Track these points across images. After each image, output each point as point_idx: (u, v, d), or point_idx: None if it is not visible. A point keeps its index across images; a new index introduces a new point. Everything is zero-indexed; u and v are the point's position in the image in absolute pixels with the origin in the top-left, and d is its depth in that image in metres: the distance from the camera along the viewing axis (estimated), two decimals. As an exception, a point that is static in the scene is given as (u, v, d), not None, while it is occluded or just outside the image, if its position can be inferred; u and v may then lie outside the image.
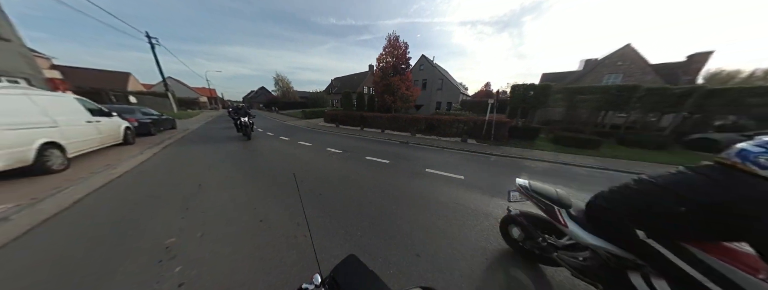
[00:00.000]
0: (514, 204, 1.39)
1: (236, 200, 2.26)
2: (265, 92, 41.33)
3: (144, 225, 1.76)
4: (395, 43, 12.44)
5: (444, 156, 4.60)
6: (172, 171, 3.21)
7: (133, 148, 4.49)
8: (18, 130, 2.44)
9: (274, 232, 1.68)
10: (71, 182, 2.55)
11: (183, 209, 2.02)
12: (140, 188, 2.55)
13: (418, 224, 1.86)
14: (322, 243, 1.57)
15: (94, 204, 2.14)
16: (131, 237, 1.59)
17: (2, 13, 4.92)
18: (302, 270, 1.31)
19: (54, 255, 1.41)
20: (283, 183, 2.77)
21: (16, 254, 1.44)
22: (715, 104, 6.24)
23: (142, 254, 1.42)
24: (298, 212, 1.96)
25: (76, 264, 1.33)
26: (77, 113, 3.40)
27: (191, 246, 1.50)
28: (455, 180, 3.03)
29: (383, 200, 2.31)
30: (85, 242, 1.54)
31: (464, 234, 1.70)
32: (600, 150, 5.35)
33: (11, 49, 5.05)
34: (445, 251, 1.50)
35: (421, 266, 1.36)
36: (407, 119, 8.11)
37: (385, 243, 1.58)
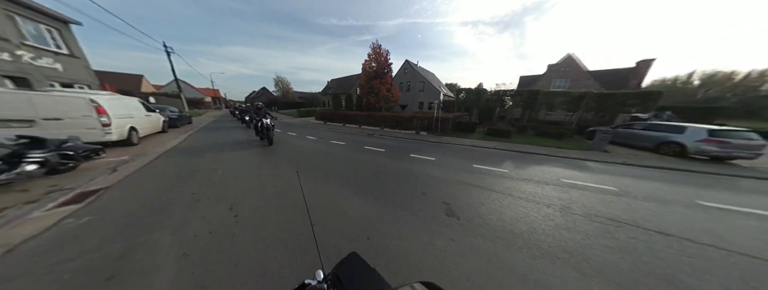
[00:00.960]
0: None
1: (245, 159, 4.08)
2: (266, 93, 43.26)
3: (196, 165, 3.58)
4: (378, 51, 14.25)
5: (390, 141, 6.38)
6: (202, 147, 5.04)
7: (168, 135, 6.36)
8: (121, 119, 4.30)
9: (265, 170, 3.50)
10: (146, 150, 4.39)
11: (215, 161, 3.84)
12: (186, 153, 4.37)
13: (358, 170, 3.65)
14: (314, 184, 3.38)
15: (165, 159, 3.96)
16: (193, 168, 3.42)
17: (73, 37, 6.81)
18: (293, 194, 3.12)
19: (157, 174, 3.24)
20: (272, 150, 4.58)
21: (143, 173, 3.26)
22: (609, 104, 7.95)
23: (201, 172, 3.24)
24: (284, 172, 3.76)
25: (169, 179, 3.15)
26: (140, 110, 5.25)
27: (223, 171, 3.32)
28: (379, 152, 4.82)
29: (336, 159, 4.11)
30: (170, 170, 3.37)
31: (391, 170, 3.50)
32: (510, 139, 7.09)
33: (80, 64, 6.95)
34: (374, 171, 3.29)
35: (368, 183, 3.16)
36: (378, 117, 9.90)
37: (344, 175, 3.38)
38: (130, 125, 4.55)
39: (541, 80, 14.32)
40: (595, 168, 4.06)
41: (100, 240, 1.59)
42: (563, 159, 4.72)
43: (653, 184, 3.25)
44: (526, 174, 3.47)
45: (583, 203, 2.43)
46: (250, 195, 2.42)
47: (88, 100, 3.71)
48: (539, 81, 14.36)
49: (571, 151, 5.55)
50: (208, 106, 30.42)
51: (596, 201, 2.51)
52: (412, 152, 4.80)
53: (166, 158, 3.95)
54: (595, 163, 4.45)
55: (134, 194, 2.40)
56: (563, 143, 6.75)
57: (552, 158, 4.76)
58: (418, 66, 19.82)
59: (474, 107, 9.29)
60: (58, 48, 6.34)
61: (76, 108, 3.62)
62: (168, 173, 3.13)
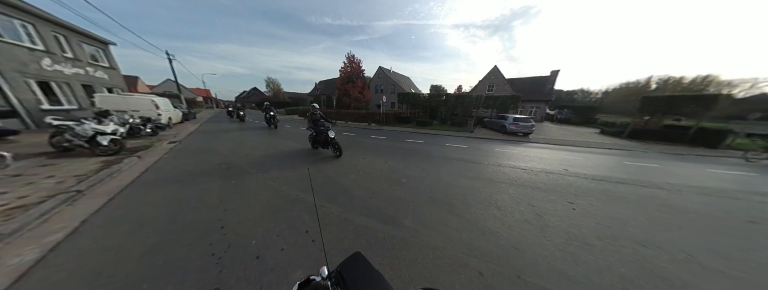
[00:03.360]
0: None
1: (242, 134, 7.01)
2: (257, 93, 45.00)
3: (215, 141, 6.50)
4: (352, 59, 17.37)
5: (351, 130, 9.47)
6: (215, 129, 7.88)
7: (186, 124, 9.12)
8: (165, 111, 7.11)
9: (265, 139, 6.49)
10: (178, 132, 7.21)
11: (225, 138, 6.75)
12: (206, 134, 7.23)
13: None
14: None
15: (192, 137, 6.82)
16: (214, 143, 6.36)
17: (111, 53, 9.35)
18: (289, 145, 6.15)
19: (198, 137, 6.20)
20: (269, 131, 7.53)
21: (191, 137, 6.16)
22: (491, 105, 11.61)
23: (221, 138, 6.19)
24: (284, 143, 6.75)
25: (197, 148, 6.11)
26: (170, 106, 8.02)
27: (237, 142, 6.28)
28: (348, 134, 7.89)
29: (286, 139, 7.16)
30: (198, 143, 6.30)
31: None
32: (430, 127, 10.43)
33: (116, 74, 9.50)
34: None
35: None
36: (344, 113, 13.01)
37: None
38: (168, 116, 7.34)
39: (480, 84, 18.08)
40: (458, 138, 7.45)
41: (192, 148, 4.58)
42: (447, 136, 8.00)
43: (482, 143, 6.59)
44: (428, 141, 6.71)
45: (447, 152, 5.66)
46: (248, 144, 5.43)
47: (151, 100, 6.53)
48: (479, 86, 18.12)
49: (455, 132, 9.03)
50: (201, 105, 32.13)
51: (451, 150, 5.75)
52: (372, 134, 7.91)
53: (196, 133, 6.82)
54: (461, 137, 7.81)
55: (194, 143, 5.35)
56: (459, 128, 10.21)
57: (442, 136, 8.03)
58: (390, 71, 23.17)
59: (426, 106, 12.72)
60: (104, 63, 8.92)
61: (146, 104, 6.43)
62: (204, 136, 6.06)
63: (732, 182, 3.62)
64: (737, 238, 1.93)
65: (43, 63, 6.39)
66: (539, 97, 17.51)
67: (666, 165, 4.69)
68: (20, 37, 5.98)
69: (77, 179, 2.58)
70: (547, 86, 17.69)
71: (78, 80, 7.52)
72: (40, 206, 1.91)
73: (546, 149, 6.08)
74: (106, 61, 9.07)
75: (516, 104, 11.67)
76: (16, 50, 5.75)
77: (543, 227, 1.92)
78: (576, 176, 3.55)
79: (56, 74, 6.78)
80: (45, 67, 6.42)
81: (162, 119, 6.71)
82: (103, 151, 3.61)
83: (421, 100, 12.76)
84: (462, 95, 12.87)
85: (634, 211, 2.33)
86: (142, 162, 3.54)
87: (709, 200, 2.77)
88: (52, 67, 6.65)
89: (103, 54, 8.98)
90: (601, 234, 1.83)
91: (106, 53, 9.08)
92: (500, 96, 11.74)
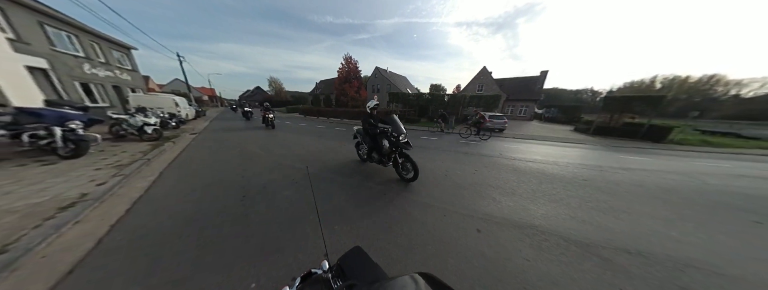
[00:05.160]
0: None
1: (254, 131, 8.23)
2: (260, 92, 46.31)
3: (226, 134, 7.73)
4: (349, 60, 18.50)
5: (345, 125, 10.63)
6: (225, 124, 9.12)
7: (198, 120, 10.39)
8: (184, 109, 8.36)
9: (267, 132, 7.70)
10: (194, 126, 8.46)
11: (234, 132, 7.97)
12: (218, 128, 8.46)
13: (321, 133, 7.90)
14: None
15: (207, 130, 8.06)
16: (226, 135, 7.58)
17: (133, 57, 10.62)
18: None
19: (213, 129, 7.43)
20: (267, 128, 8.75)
21: (207, 130, 7.41)
22: (477, 104, 12.64)
23: (232, 129, 7.41)
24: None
25: (219, 130, 7.35)
26: (185, 103, 9.27)
27: (243, 135, 7.50)
28: (340, 129, 9.06)
29: (308, 130, 8.34)
30: (213, 134, 7.53)
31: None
32: (417, 123, 11.53)
33: (138, 76, 10.79)
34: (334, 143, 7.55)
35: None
36: (339, 112, 14.17)
37: (330, 142, 7.62)
38: (185, 112, 8.58)
39: (471, 84, 19.03)
40: (436, 132, 8.55)
41: (210, 137, 5.84)
42: (426, 131, 9.16)
43: (453, 136, 7.69)
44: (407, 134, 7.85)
45: (416, 142, 6.81)
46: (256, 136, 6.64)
47: (172, 99, 7.77)
48: (469, 86, 19.06)
49: (437, 128, 10.11)
50: (207, 104, 33.59)
51: (422, 141, 6.89)
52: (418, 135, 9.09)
53: (210, 128, 8.06)
54: (439, 132, 8.89)
55: (210, 135, 6.57)
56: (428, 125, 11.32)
57: (422, 131, 9.17)
58: (387, 71, 24.18)
59: (416, 104, 13.83)
60: (128, 66, 10.20)
61: (168, 103, 7.67)
62: (218, 129, 7.29)
63: (617, 162, 4.68)
64: (563, 185, 3.03)
65: (84, 67, 7.66)
66: (529, 96, 18.45)
67: (585, 153, 5.77)
68: (67, 46, 7.23)
69: (142, 153, 3.79)
70: (537, 85, 18.59)
71: (109, 82, 8.79)
72: (131, 166, 3.11)
73: (504, 142, 7.16)
74: (129, 64, 10.33)
75: (497, 103, 12.67)
76: (66, 58, 7.00)
77: (444, 177, 3.09)
78: (501, 157, 4.66)
79: (93, 76, 8.04)
80: (85, 71, 7.69)
81: (182, 115, 7.94)
82: (148, 138, 4.82)
83: (411, 99, 13.86)
84: (447, 94, 13.92)
85: (519, 175, 3.43)
86: (176, 146, 4.75)
87: (575, 170, 3.85)
88: (90, 71, 7.91)
89: (127, 58, 10.24)
90: (477, 181, 2.97)
91: (129, 57, 10.34)
92: (484, 95, 12.76)
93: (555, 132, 10.97)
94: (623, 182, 3.33)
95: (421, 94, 14.18)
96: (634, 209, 2.38)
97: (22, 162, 2.93)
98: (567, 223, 2.00)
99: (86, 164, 3.03)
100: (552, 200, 2.49)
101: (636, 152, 6.19)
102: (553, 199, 2.54)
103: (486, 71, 18.78)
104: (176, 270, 1.30)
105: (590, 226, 1.98)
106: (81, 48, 7.65)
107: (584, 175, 3.59)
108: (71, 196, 2.12)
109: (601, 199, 2.60)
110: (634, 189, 3.03)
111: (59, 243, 1.53)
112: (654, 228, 2.03)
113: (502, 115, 9.72)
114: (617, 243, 1.74)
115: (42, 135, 3.06)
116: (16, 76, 4.59)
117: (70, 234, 1.64)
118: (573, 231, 1.86)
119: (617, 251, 1.63)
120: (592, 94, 60.23)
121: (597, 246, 1.68)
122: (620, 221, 2.12)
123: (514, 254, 1.53)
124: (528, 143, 6.99)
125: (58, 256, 1.40)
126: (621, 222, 2.09)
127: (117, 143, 4.45)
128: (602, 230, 1.93)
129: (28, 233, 1.55)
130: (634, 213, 2.29)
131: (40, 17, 6.29)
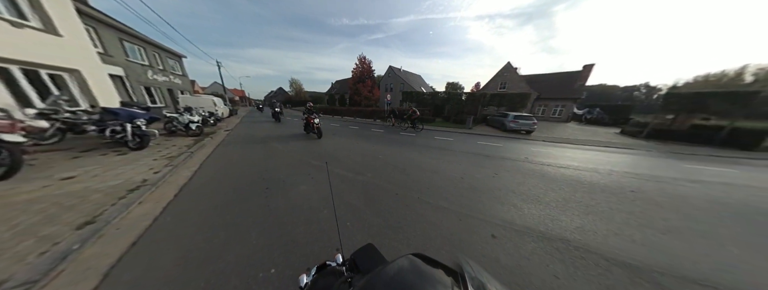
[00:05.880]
0: None
1: (277, 127, 8.97)
2: (282, 92, 50.02)
3: (260, 126, 8.53)
4: (363, 61, 18.81)
5: (357, 124, 10.91)
6: (253, 121, 10.09)
7: (232, 118, 11.68)
8: (221, 108, 9.50)
9: (286, 128, 8.35)
10: (228, 123, 9.53)
11: (260, 128, 8.77)
12: (250, 122, 9.40)
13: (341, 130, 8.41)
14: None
15: (239, 127, 9.00)
16: (253, 130, 8.39)
17: (183, 63, 12.41)
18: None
19: (244, 126, 8.26)
20: (281, 124, 9.44)
21: (240, 125, 8.29)
22: (499, 103, 11.60)
23: (259, 122, 8.17)
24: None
25: (250, 125, 8.15)
26: (222, 103, 10.50)
27: (268, 130, 8.23)
28: (352, 128, 9.41)
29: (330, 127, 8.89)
30: (244, 131, 8.37)
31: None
32: (431, 123, 11.16)
33: (186, 80, 12.62)
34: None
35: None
36: (354, 111, 14.50)
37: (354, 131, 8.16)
38: (222, 111, 9.74)
39: (492, 82, 17.64)
40: (453, 133, 8.22)
41: (241, 135, 6.49)
42: (442, 131, 8.85)
43: (471, 137, 7.39)
44: (427, 135, 7.82)
45: (431, 143, 6.79)
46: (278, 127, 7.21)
47: (212, 99, 8.88)
48: (490, 83, 17.70)
49: (454, 128, 9.68)
50: (238, 104, 37.61)
51: (437, 142, 6.84)
52: (373, 127, 9.30)
53: (242, 124, 9.00)
54: (456, 133, 8.50)
55: (245, 127, 7.34)
56: (460, 125, 10.74)
57: (438, 131, 8.91)
58: (401, 70, 23.90)
59: (431, 103, 13.46)
60: (179, 72, 11.95)
61: (208, 103, 8.80)
62: (249, 123, 8.10)
63: (681, 173, 3.85)
64: (583, 193, 2.61)
65: (148, 74, 9.20)
66: (566, 95, 16.18)
67: (635, 160, 4.88)
68: (137, 57, 8.78)
69: (187, 147, 4.42)
70: (577, 82, 16.31)
71: (165, 85, 10.42)
72: (179, 157, 3.65)
73: (531, 145, 6.49)
74: (180, 70, 12.09)
75: (525, 102, 11.51)
76: (135, 66, 8.51)
77: (461, 179, 2.95)
78: (527, 161, 4.23)
79: (154, 81, 9.62)
80: (149, 76, 9.24)
81: (219, 114, 9.03)
82: (192, 133, 5.60)
83: (425, 98, 13.46)
84: (465, 92, 13.12)
85: (547, 181, 3.08)
86: (213, 141, 5.41)
87: (621, 179, 3.28)
88: (152, 77, 9.48)
89: (179, 65, 12.00)
90: (496, 186, 2.76)
91: (180, 64, 12.10)
92: (508, 94, 11.72)
93: (596, 135, 9.57)
94: (692, 197, 2.76)
95: (436, 92, 13.70)
96: (707, 231, 1.96)
97: (104, 152, 3.66)
98: (610, 240, 1.73)
99: (147, 155, 3.65)
100: (589, 212, 2.19)
101: (712, 162, 5.08)
102: (591, 211, 2.22)
103: (510, 67, 17.16)
104: (209, 249, 1.50)
105: (642, 247, 1.67)
106: (146, 58, 9.21)
107: (633, 185, 3.08)
108: (136, 181, 2.58)
109: (657, 215, 2.20)
110: (709, 207, 2.48)
111: (127, 219, 1.87)
112: (741, 257, 1.63)
113: (530, 115, 8.78)
114: (681, 270, 1.44)
115: (118, 130, 3.78)
116: (103, 82, 5.73)
117: (135, 212, 1.99)
118: (618, 251, 1.60)
119: (681, 280, 1.34)
120: (646, 90, 50.18)
121: (650, 270, 1.41)
122: (686, 243, 1.76)
123: (540, 268, 1.39)
124: (561, 147, 6.25)
125: (126, 229, 1.72)
126: (687, 245, 1.73)
127: (169, 138, 5.26)
128: (659, 252, 1.61)
129: (107, 209, 1.94)
130: (708, 236, 1.88)
131: (121, 35, 7.75)
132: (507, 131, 8.91)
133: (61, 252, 1.41)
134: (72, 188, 2.29)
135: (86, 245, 1.51)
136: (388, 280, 0.34)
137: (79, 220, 1.74)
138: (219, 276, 1.27)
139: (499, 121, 9.72)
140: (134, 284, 1.23)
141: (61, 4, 4.51)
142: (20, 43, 3.95)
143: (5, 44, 3.76)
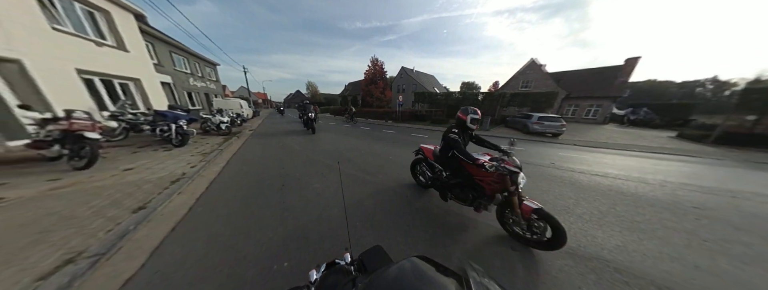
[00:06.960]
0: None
1: (296, 124, 9.61)
2: (299, 94, 53.23)
3: (280, 125, 9.23)
4: (375, 62, 19.09)
5: (370, 125, 11.16)
6: (274, 121, 10.93)
7: (255, 119, 12.80)
8: (246, 110, 10.50)
9: (304, 129, 8.91)
10: (253, 123, 10.46)
11: (285, 123, 9.46)
12: (270, 123, 10.21)
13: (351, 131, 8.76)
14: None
15: (262, 126, 9.81)
16: (274, 129, 9.08)
17: (217, 71, 14.02)
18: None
19: (267, 125, 8.98)
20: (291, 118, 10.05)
21: (262, 125, 9.06)
22: (521, 103, 10.68)
23: (279, 122, 8.83)
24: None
25: (271, 125, 8.84)
26: (247, 106, 11.58)
27: (286, 130, 8.85)
28: (365, 128, 9.70)
29: (338, 127, 9.30)
30: (266, 130, 9.09)
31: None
32: (445, 124, 10.83)
33: (220, 85, 14.28)
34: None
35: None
36: (363, 111, 14.77)
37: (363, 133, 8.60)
38: (246, 112, 10.74)
39: (513, 80, 16.43)
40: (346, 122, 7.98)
41: (263, 134, 7.06)
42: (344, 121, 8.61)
43: (493, 141, 7.12)
44: (432, 136, 7.80)
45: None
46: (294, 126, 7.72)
47: (239, 102, 9.88)
48: (511, 82, 16.50)
49: None
50: (260, 106, 41.05)
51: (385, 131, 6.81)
52: (384, 128, 9.47)
53: (264, 124, 9.82)
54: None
55: (266, 128, 8.01)
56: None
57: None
58: (413, 71, 23.67)
59: (444, 104, 13.13)
60: (213, 78, 13.52)
61: (236, 105, 9.81)
62: (270, 124, 8.81)
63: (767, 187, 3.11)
64: (628, 206, 2.26)
65: (190, 81, 10.59)
66: (602, 92, 13.98)
67: (698, 169, 4.10)
68: (182, 66, 10.17)
69: (217, 145, 4.99)
70: (618, 78, 14.17)
71: (203, 91, 11.87)
72: (211, 154, 4.14)
73: (558, 149, 5.82)
74: (214, 77, 13.67)
75: (551, 101, 10.38)
76: (180, 74, 9.86)
77: None
78: (553, 167, 3.85)
79: (194, 87, 11.02)
80: (190, 83, 10.63)
81: (245, 115, 9.98)
82: (223, 133, 6.29)
83: (438, 99, 13.11)
84: (482, 92, 12.44)
85: (578, 191, 2.77)
86: (239, 140, 6.01)
87: (678, 192, 2.79)
88: (193, 83, 10.87)
89: (213, 72, 13.58)
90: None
91: (214, 71, 13.68)
92: (531, 93, 10.79)
93: (642, 139, 8.00)
94: (784, 218, 2.17)
95: (450, 93, 13.24)
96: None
97: (155, 148, 4.32)
98: (664, 265, 1.45)
99: (186, 152, 4.21)
100: (633, 230, 1.86)
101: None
102: (636, 228, 1.89)
103: (534, 64, 15.74)
104: (232, 238, 1.70)
105: (712, 277, 1.36)
106: (189, 67, 10.62)
107: (697, 201, 2.54)
108: (177, 174, 3.00)
109: (733, 239, 1.80)
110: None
111: (169, 206, 2.20)
112: None
113: (557, 117, 7.83)
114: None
115: (165, 130, 4.43)
116: (156, 89, 6.79)
117: (175, 201, 2.32)
118: (676, 278, 1.33)
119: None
120: (713, 86, 41.34)
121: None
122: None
123: (570, 289, 1.23)
124: (596, 153, 5.47)
125: (168, 216, 2.03)
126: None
127: (204, 137, 5.99)
128: (736, 285, 1.32)
129: (155, 197, 2.29)
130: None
131: (171, 48, 9.11)
132: (530, 134, 7.99)
133: (121, 231, 1.71)
134: (131, 178, 2.76)
135: (139, 227, 1.82)
136: (389, 282, 0.34)
137: (135, 205, 2.09)
138: (240, 264, 1.42)
139: (521, 122, 8.68)
140: (172, 264, 1.44)
141: (130, 25, 5.50)
142: (101, 58, 4.89)
143: (92, 60, 4.69)
